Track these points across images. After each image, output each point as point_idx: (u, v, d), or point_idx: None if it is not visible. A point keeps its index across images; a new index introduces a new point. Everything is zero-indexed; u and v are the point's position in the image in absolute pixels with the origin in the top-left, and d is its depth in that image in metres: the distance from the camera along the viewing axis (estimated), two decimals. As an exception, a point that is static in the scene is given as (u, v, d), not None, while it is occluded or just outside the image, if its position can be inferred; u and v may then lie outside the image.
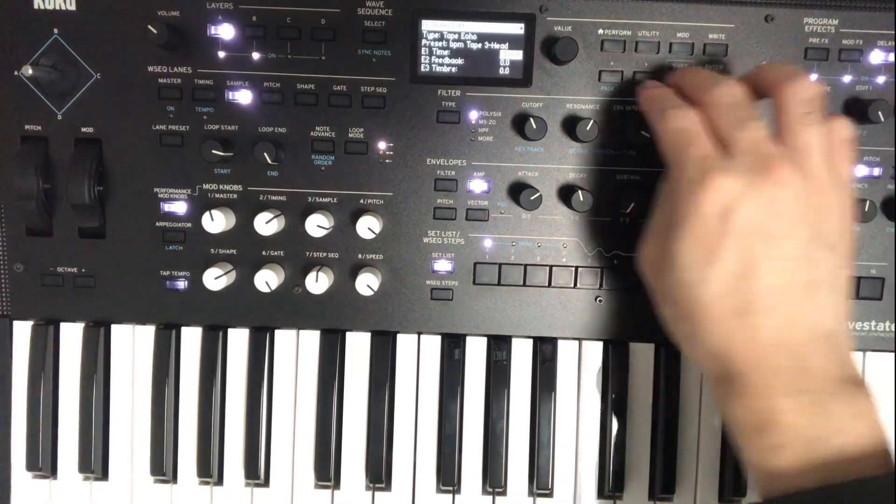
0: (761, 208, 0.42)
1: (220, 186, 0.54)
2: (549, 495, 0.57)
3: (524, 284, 0.55)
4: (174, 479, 0.57)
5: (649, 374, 0.56)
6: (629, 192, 0.53)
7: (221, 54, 0.52)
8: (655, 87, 0.50)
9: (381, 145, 0.54)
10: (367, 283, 0.53)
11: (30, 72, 0.50)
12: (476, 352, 0.57)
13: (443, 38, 0.52)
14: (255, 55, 0.52)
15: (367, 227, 0.52)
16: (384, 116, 0.53)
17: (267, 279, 0.53)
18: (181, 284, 0.55)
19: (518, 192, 0.53)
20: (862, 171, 0.54)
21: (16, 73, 0.52)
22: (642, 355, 0.56)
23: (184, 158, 0.54)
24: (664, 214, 0.47)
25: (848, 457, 0.40)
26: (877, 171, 0.54)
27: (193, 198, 0.54)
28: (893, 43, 0.53)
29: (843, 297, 0.44)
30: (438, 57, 0.52)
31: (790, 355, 0.41)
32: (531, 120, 0.51)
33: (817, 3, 0.53)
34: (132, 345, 0.57)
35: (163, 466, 0.56)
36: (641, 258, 0.49)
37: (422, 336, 0.57)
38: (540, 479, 0.56)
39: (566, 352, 0.57)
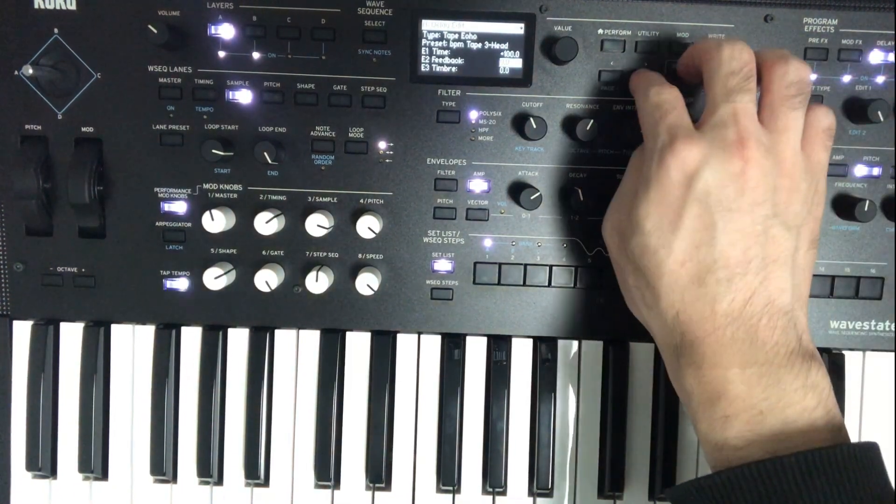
0: (725, 180, 0.42)
1: (221, 186, 0.54)
2: (549, 495, 0.57)
3: (524, 284, 0.55)
4: (174, 479, 0.57)
5: (649, 374, 0.56)
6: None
7: (221, 54, 0.52)
8: (645, 70, 0.51)
9: (381, 145, 0.54)
10: (367, 283, 0.53)
11: (30, 71, 0.50)
12: (476, 352, 0.57)
13: (443, 38, 0.52)
14: (256, 55, 0.52)
15: (367, 226, 0.52)
16: (384, 116, 0.53)
17: (267, 279, 0.53)
18: (181, 284, 0.55)
19: (518, 192, 0.53)
20: (862, 171, 0.54)
21: (16, 72, 0.52)
22: (642, 355, 0.56)
23: (184, 158, 0.54)
24: (632, 182, 0.47)
25: (797, 429, 0.40)
26: (877, 171, 0.54)
27: (193, 197, 0.54)
28: (893, 43, 0.53)
29: (803, 277, 0.45)
30: (438, 57, 0.52)
31: (744, 327, 0.42)
32: (531, 120, 0.51)
33: (817, 3, 0.53)
34: (132, 345, 0.57)
35: (163, 466, 0.56)
36: (607, 225, 0.50)
37: (422, 336, 0.57)
38: (540, 479, 0.56)
39: (566, 352, 0.57)
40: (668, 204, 0.43)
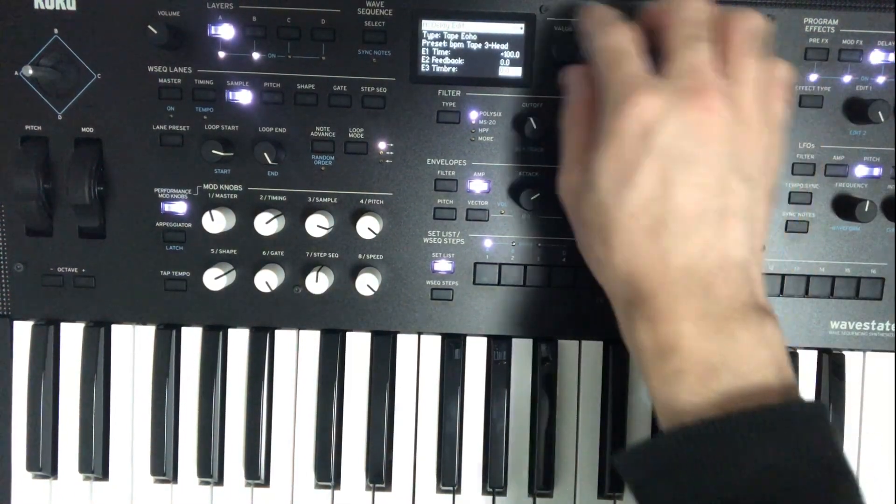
0: (683, 131, 0.41)
1: (221, 186, 0.54)
2: (549, 495, 0.57)
3: (524, 284, 0.55)
4: (174, 479, 0.57)
5: (649, 374, 0.56)
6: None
7: (221, 54, 0.52)
8: (597, 6, 0.48)
9: (381, 145, 0.54)
10: (367, 283, 0.53)
11: (30, 72, 0.50)
12: (476, 352, 0.57)
13: (443, 39, 0.52)
14: (256, 55, 0.52)
15: (367, 227, 0.52)
16: (384, 116, 0.53)
17: (267, 279, 0.53)
18: (181, 285, 0.55)
19: (518, 192, 0.53)
20: (862, 171, 0.54)
21: (16, 73, 0.52)
22: (642, 355, 0.56)
23: (184, 158, 0.54)
24: (578, 135, 0.46)
25: (750, 385, 0.39)
26: (877, 171, 0.54)
27: (193, 198, 0.54)
28: (893, 43, 0.53)
29: (760, 230, 0.44)
30: (438, 57, 0.52)
31: (698, 281, 0.41)
32: (531, 120, 0.51)
33: (817, 3, 0.53)
34: (132, 345, 0.57)
35: (163, 466, 0.56)
36: (562, 184, 0.48)
37: (422, 336, 0.57)
38: (540, 479, 0.56)
39: (566, 352, 0.57)
40: (624, 159, 0.42)
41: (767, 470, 0.37)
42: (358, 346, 0.57)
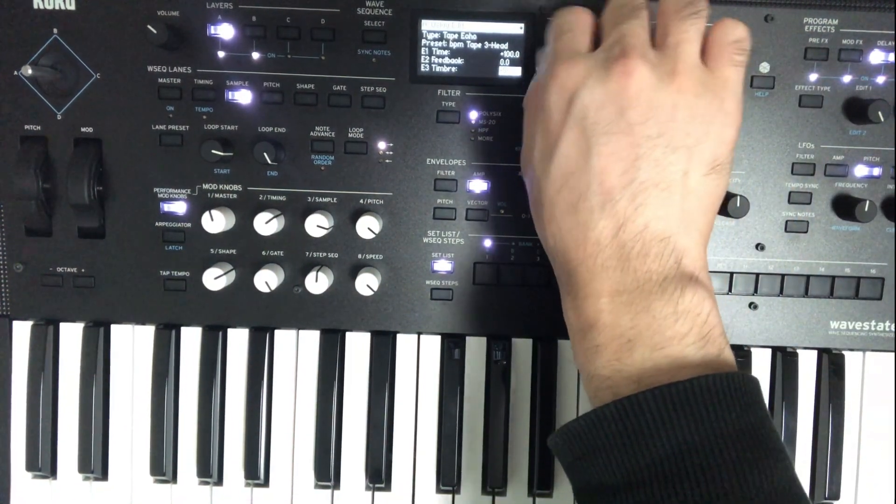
0: (602, 98, 0.40)
1: (220, 186, 0.54)
2: (549, 495, 0.57)
3: (524, 284, 0.55)
4: (174, 479, 0.57)
5: (649, 374, 0.56)
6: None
7: (221, 54, 0.52)
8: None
9: (381, 145, 0.54)
10: (367, 283, 0.53)
11: (30, 72, 0.50)
12: (476, 352, 0.57)
13: (442, 38, 0.52)
14: (255, 55, 0.52)
15: (367, 227, 0.52)
16: (384, 116, 0.53)
17: (267, 279, 0.53)
18: (181, 285, 0.55)
19: (518, 192, 0.53)
20: (862, 171, 0.54)
21: (16, 73, 0.52)
22: (642, 355, 0.56)
23: (184, 158, 0.54)
24: (528, 117, 0.46)
25: (665, 358, 0.38)
26: (877, 172, 0.54)
27: (193, 198, 0.54)
28: (893, 43, 0.53)
29: (697, 203, 0.41)
30: (438, 57, 0.52)
31: (615, 255, 0.40)
32: (531, 120, 0.51)
33: (817, 3, 0.53)
34: (132, 345, 0.57)
35: (163, 466, 0.56)
36: (521, 162, 0.48)
37: (422, 336, 0.57)
38: (540, 479, 0.56)
39: (566, 352, 0.57)
40: (549, 131, 0.41)
41: (679, 447, 0.36)
42: (358, 346, 0.57)
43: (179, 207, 0.54)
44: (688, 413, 0.36)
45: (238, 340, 0.57)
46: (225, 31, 0.52)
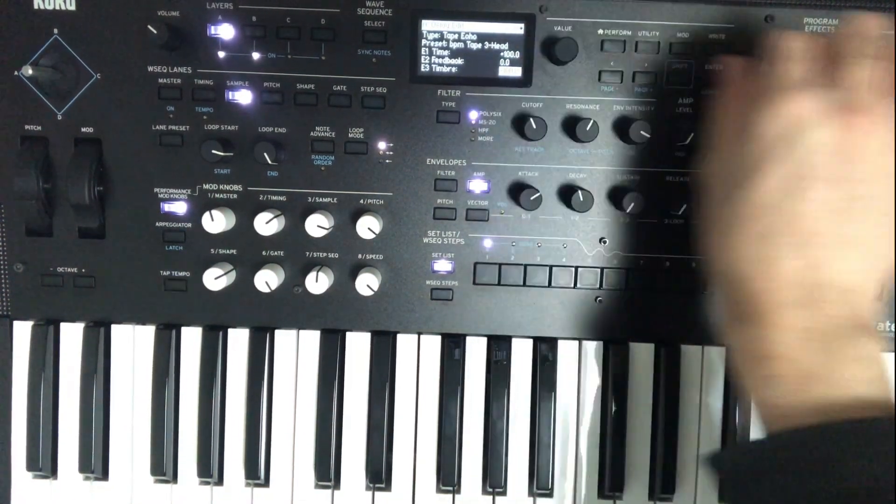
0: (830, 144, 0.40)
1: (220, 186, 0.54)
2: (549, 495, 0.57)
3: (524, 284, 0.55)
4: (174, 479, 0.57)
5: (649, 374, 0.56)
6: (630, 192, 0.53)
7: (221, 54, 0.52)
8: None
9: (381, 145, 0.54)
10: (367, 283, 0.53)
11: (30, 72, 0.50)
12: (476, 352, 0.57)
13: (443, 38, 0.52)
14: (255, 55, 0.52)
15: (367, 227, 0.52)
16: (384, 116, 0.53)
17: (267, 279, 0.53)
18: (181, 284, 0.55)
19: (518, 192, 0.53)
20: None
21: (16, 73, 0.52)
22: (642, 355, 0.56)
23: (184, 158, 0.54)
24: (733, 128, 0.45)
25: (842, 397, 0.39)
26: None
27: (193, 198, 0.54)
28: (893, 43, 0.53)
29: (882, 262, 0.42)
30: (438, 57, 0.52)
31: (804, 295, 0.41)
32: (531, 120, 0.51)
33: (817, 3, 0.53)
34: (132, 345, 0.57)
35: (163, 466, 0.56)
36: (705, 172, 0.47)
37: (422, 336, 0.57)
38: (540, 479, 0.56)
39: (566, 352, 0.57)
40: (754, 155, 0.41)
41: (865, 482, 0.36)
42: (358, 345, 0.57)
43: (180, 207, 0.54)
44: (877, 449, 0.37)
45: (238, 340, 0.57)
46: (225, 31, 0.52)
